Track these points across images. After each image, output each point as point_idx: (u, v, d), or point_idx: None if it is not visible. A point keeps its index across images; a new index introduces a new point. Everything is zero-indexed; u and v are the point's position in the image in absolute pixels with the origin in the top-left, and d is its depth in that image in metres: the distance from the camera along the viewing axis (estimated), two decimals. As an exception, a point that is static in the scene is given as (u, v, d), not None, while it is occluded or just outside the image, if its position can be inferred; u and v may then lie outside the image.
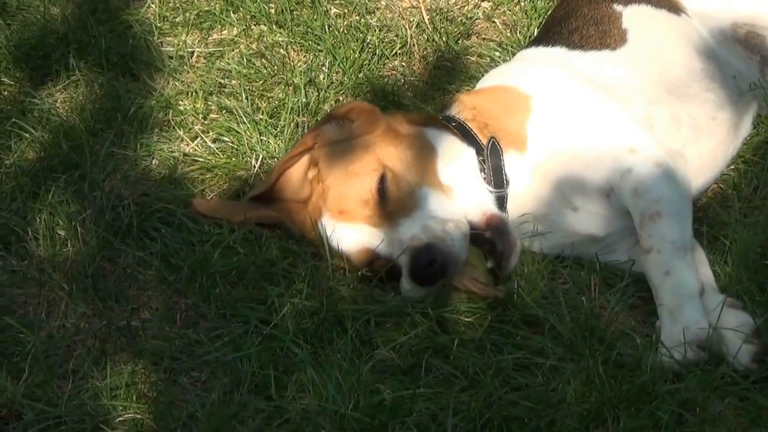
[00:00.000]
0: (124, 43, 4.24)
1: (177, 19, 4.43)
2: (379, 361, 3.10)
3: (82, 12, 4.34)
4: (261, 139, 3.89)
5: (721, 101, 3.68)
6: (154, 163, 3.87)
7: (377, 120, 3.49)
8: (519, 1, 4.41)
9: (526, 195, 3.44)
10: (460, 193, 3.38)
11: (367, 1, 4.44)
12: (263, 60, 4.23)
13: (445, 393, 3.01)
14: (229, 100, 4.06)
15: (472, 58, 4.27)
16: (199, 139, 3.94)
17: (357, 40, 4.26)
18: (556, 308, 3.21)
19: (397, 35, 4.31)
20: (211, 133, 3.97)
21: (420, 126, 3.51)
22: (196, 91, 4.11)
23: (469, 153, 3.46)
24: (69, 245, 3.50)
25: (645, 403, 2.93)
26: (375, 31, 4.30)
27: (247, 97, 4.06)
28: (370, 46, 4.25)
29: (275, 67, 4.18)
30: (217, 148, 3.90)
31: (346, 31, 4.30)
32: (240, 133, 3.92)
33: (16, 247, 3.52)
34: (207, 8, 4.45)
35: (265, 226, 3.54)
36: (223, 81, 4.17)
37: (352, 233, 3.35)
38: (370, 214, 3.33)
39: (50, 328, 3.28)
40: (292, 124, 3.95)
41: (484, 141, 3.47)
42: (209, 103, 4.08)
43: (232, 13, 4.42)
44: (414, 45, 4.27)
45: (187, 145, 3.93)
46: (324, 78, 4.14)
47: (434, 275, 3.24)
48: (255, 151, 3.85)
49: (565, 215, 3.44)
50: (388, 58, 4.26)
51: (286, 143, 3.86)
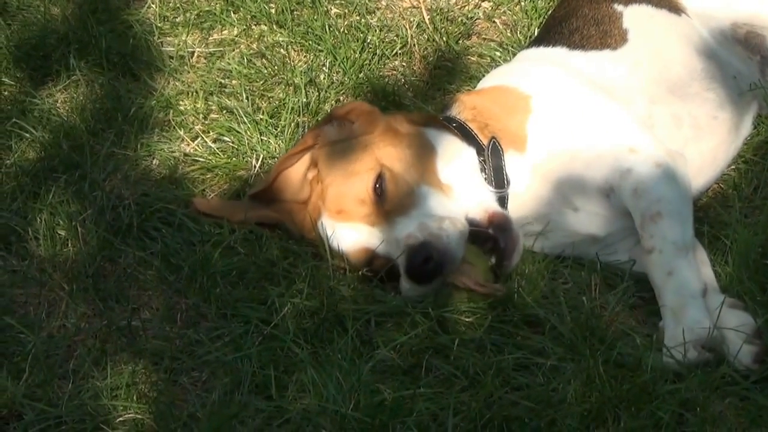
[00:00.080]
0: (125, 43, 4.24)
1: (177, 19, 4.43)
2: (380, 361, 3.10)
3: (83, 12, 4.34)
4: (261, 139, 3.89)
5: (722, 101, 3.69)
6: (154, 163, 3.87)
7: (377, 120, 3.49)
8: (519, 1, 4.41)
9: (526, 195, 3.44)
10: (461, 192, 3.38)
11: (367, 1, 4.44)
12: (264, 60, 4.23)
13: (446, 393, 3.01)
14: (230, 100, 4.06)
15: (473, 58, 4.27)
16: (200, 139, 3.94)
17: (357, 40, 4.26)
18: (557, 308, 3.21)
19: (397, 35, 4.30)
20: (212, 133, 3.96)
21: (420, 126, 3.51)
22: (197, 91, 4.11)
23: (470, 153, 3.45)
24: (69, 245, 3.50)
25: (645, 403, 2.93)
26: (375, 31, 4.30)
27: (248, 97, 4.06)
28: (371, 46, 4.24)
29: (276, 67, 4.17)
30: (218, 148, 3.89)
31: (346, 31, 4.30)
32: (240, 133, 3.92)
33: (17, 247, 3.52)
34: (207, 8, 4.44)
35: (266, 226, 3.54)
36: (223, 81, 4.17)
37: (350, 233, 3.35)
38: (367, 213, 3.33)
39: (51, 328, 3.28)
40: (293, 124, 3.95)
41: (485, 141, 3.47)
42: (210, 103, 4.08)
43: (232, 13, 4.42)
44: (414, 45, 4.27)
45: (188, 145, 3.93)
46: (324, 78, 4.14)
47: (431, 273, 3.24)
48: (255, 151, 3.85)
49: (566, 215, 3.44)
50: (389, 58, 4.25)
51: (286, 143, 3.86)
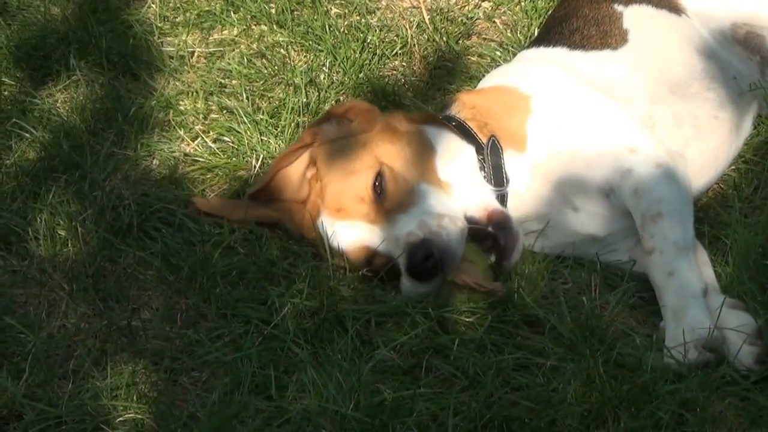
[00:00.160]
0: (125, 43, 4.23)
1: (177, 19, 4.43)
2: (380, 361, 3.10)
3: (83, 12, 4.34)
4: (261, 139, 3.89)
5: (722, 101, 3.69)
6: (154, 163, 3.87)
7: (376, 118, 3.49)
8: (519, 1, 4.41)
9: (526, 195, 3.44)
10: (461, 190, 3.38)
11: (367, 1, 4.44)
12: (264, 60, 4.23)
13: (446, 393, 3.01)
14: (230, 100, 4.06)
15: (473, 58, 4.27)
16: (200, 139, 3.94)
17: (357, 40, 4.26)
18: (557, 308, 3.21)
19: (397, 35, 4.30)
20: (212, 133, 3.96)
21: (419, 124, 3.51)
22: (197, 91, 4.11)
23: (469, 151, 3.45)
24: (69, 245, 3.50)
25: (645, 403, 2.93)
26: (375, 31, 4.30)
27: (248, 97, 4.06)
28: (371, 46, 4.24)
29: (276, 67, 4.17)
30: (218, 148, 3.89)
31: (346, 31, 4.30)
32: (240, 133, 3.91)
33: (17, 247, 3.52)
34: (207, 8, 4.44)
35: (265, 226, 3.54)
36: (223, 81, 4.16)
37: (350, 231, 3.35)
38: (367, 211, 3.33)
39: (51, 328, 3.28)
40: (293, 124, 3.95)
41: (484, 140, 3.47)
42: (210, 103, 4.08)
43: (232, 13, 4.42)
44: (414, 45, 4.27)
45: (188, 145, 3.93)
46: (324, 78, 4.14)
47: (431, 270, 3.24)
48: (255, 151, 3.85)
49: (566, 215, 3.44)
50: (389, 58, 4.25)
51: (286, 143, 3.86)
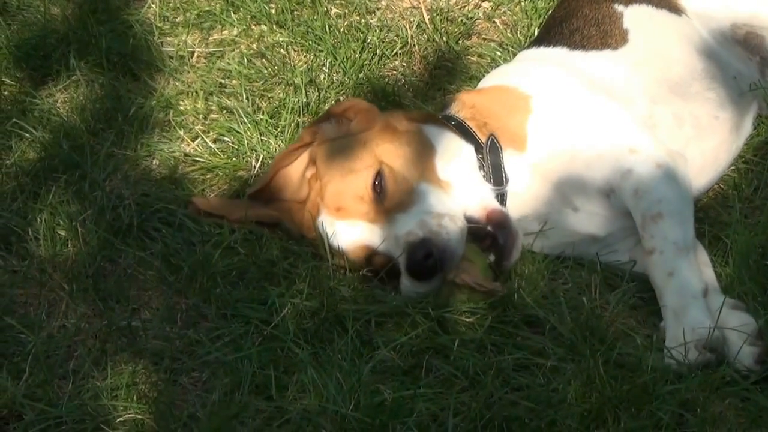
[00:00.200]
0: (125, 43, 4.23)
1: (177, 19, 4.43)
2: (380, 361, 3.10)
3: (83, 12, 4.34)
4: (261, 140, 3.89)
5: (723, 101, 3.69)
6: (154, 163, 3.87)
7: (375, 117, 3.49)
8: (519, 2, 4.41)
9: (526, 195, 3.44)
10: (460, 189, 3.38)
11: (367, 2, 4.44)
12: (264, 60, 4.23)
13: (446, 393, 3.01)
14: (230, 100, 4.06)
15: (473, 59, 4.27)
16: (200, 139, 3.94)
17: (357, 40, 4.26)
18: (557, 308, 3.21)
19: (397, 35, 4.30)
20: (212, 133, 3.96)
21: (418, 123, 3.51)
22: (197, 91, 4.11)
23: (468, 150, 3.45)
24: (69, 245, 3.50)
25: (645, 403, 2.93)
26: (375, 31, 4.30)
27: (248, 97, 4.06)
28: (371, 46, 4.24)
29: (276, 67, 4.17)
30: (218, 149, 3.89)
31: (346, 31, 4.30)
32: (240, 133, 3.91)
33: (17, 247, 3.52)
34: (207, 8, 4.44)
35: (265, 226, 3.54)
36: (223, 81, 4.16)
37: (350, 230, 3.35)
38: (366, 210, 3.33)
39: (51, 329, 3.28)
40: (293, 124, 3.94)
41: (483, 139, 3.47)
42: (210, 103, 4.08)
43: (232, 13, 4.42)
44: (414, 45, 4.27)
45: (188, 145, 3.93)
46: (324, 78, 4.14)
47: (431, 269, 3.24)
48: (255, 151, 3.85)
49: (566, 215, 3.44)
50: (389, 58, 4.25)
51: (286, 143, 3.85)
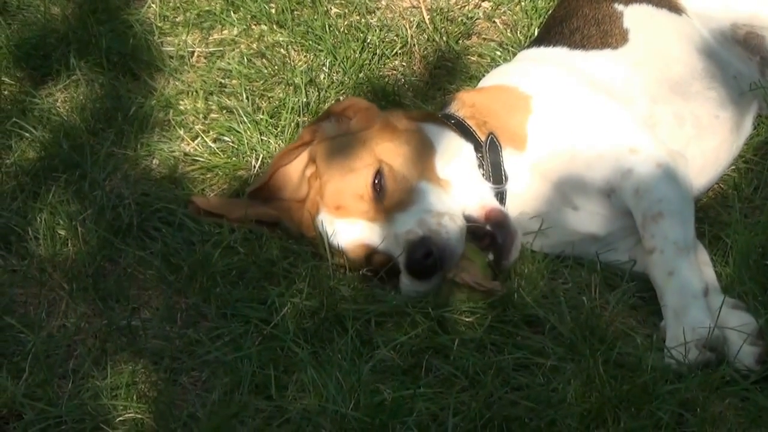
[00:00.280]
0: (125, 43, 4.23)
1: (177, 19, 4.43)
2: (380, 360, 3.10)
3: (83, 11, 4.34)
4: (261, 139, 3.89)
5: (723, 100, 3.69)
6: (154, 162, 3.87)
7: (375, 116, 3.49)
8: (519, 1, 4.41)
9: (526, 194, 3.44)
10: (459, 188, 3.38)
11: (367, 1, 4.44)
12: (264, 60, 4.23)
13: (446, 393, 3.01)
14: (230, 100, 4.06)
15: (473, 58, 4.27)
16: (200, 138, 3.94)
17: (357, 40, 4.26)
18: (557, 308, 3.21)
19: (397, 35, 4.30)
20: (212, 133, 3.96)
21: (418, 122, 3.51)
22: (197, 91, 4.11)
23: (468, 149, 3.45)
24: (69, 245, 3.50)
25: (645, 403, 2.92)
26: (375, 30, 4.30)
27: (248, 97, 4.06)
28: (371, 45, 4.24)
29: (276, 67, 4.17)
30: (218, 148, 3.89)
31: (346, 31, 4.30)
32: (240, 132, 3.91)
33: (17, 247, 3.52)
34: (207, 8, 4.44)
35: (265, 225, 3.54)
36: (223, 81, 4.16)
37: (349, 228, 3.35)
38: (366, 209, 3.34)
39: (50, 328, 3.28)
40: (293, 124, 3.94)
41: (483, 138, 3.47)
42: (210, 102, 4.08)
43: (232, 12, 4.42)
44: (414, 45, 4.27)
45: (188, 144, 3.93)
46: (324, 78, 4.14)
47: (431, 268, 3.24)
48: (255, 150, 3.85)
49: (566, 214, 3.44)
50: (389, 58, 4.25)
51: (286, 143, 3.85)
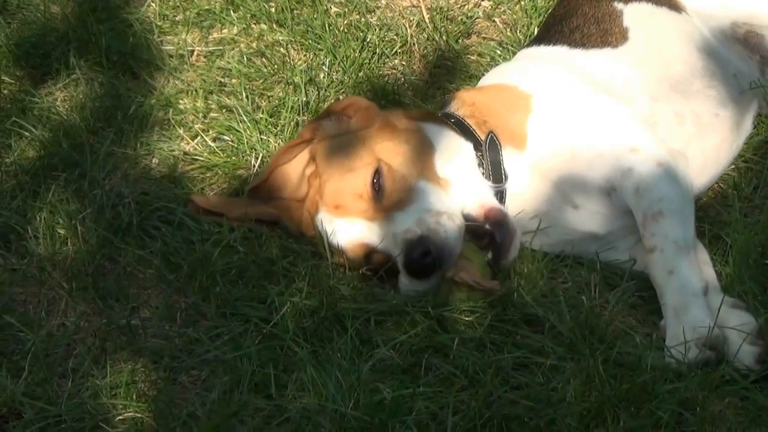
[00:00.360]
0: (125, 42, 4.23)
1: (177, 18, 4.43)
2: (379, 359, 3.10)
3: (82, 10, 4.34)
4: (261, 138, 3.89)
5: (723, 98, 3.69)
6: (154, 161, 3.87)
7: (374, 115, 3.50)
8: (519, 0, 4.41)
9: (526, 193, 3.43)
10: (458, 186, 3.38)
11: (367, 0, 4.44)
12: (263, 59, 4.23)
13: (445, 392, 3.01)
14: (230, 99, 4.06)
15: (473, 57, 4.27)
16: (199, 137, 3.94)
17: (357, 39, 4.25)
18: (556, 307, 3.21)
19: (397, 34, 4.30)
20: (212, 132, 3.96)
21: (418, 121, 3.51)
22: (197, 90, 4.11)
23: (467, 148, 3.45)
24: (69, 244, 3.50)
25: (645, 402, 2.92)
26: (375, 30, 4.29)
27: (248, 96, 4.06)
28: (371, 45, 4.24)
29: (275, 66, 4.17)
30: (218, 147, 3.89)
31: (346, 30, 4.30)
32: (240, 131, 3.91)
33: (16, 246, 3.52)
34: (207, 7, 4.44)
35: (264, 224, 3.54)
36: (223, 80, 4.16)
37: (348, 228, 3.35)
38: (365, 208, 3.34)
39: (50, 327, 3.28)
40: (293, 123, 3.95)
41: (482, 137, 3.47)
42: (209, 101, 4.08)
43: (232, 11, 4.42)
44: (414, 44, 4.27)
45: (187, 143, 3.93)
46: (324, 77, 4.14)
47: (429, 267, 3.24)
48: (255, 150, 3.85)
49: (566, 213, 3.44)
50: (389, 57, 4.25)
51: (286, 142, 3.85)
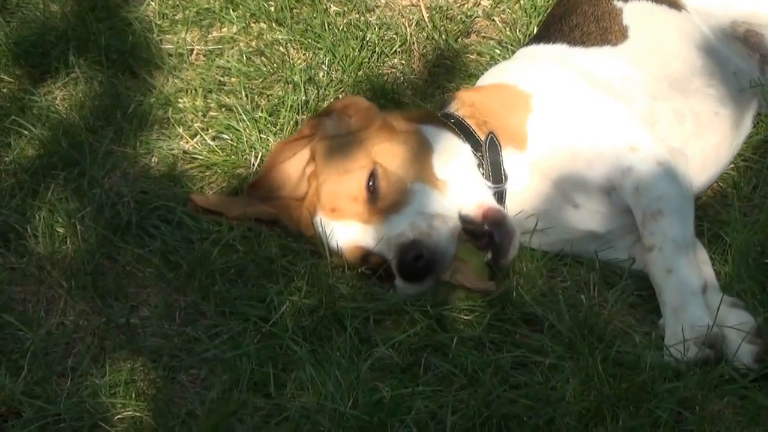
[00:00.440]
0: (124, 41, 4.23)
1: (177, 17, 4.43)
2: (378, 359, 3.10)
3: (82, 9, 4.34)
4: (260, 137, 3.89)
5: (723, 97, 3.68)
6: (153, 160, 3.87)
7: (374, 117, 3.49)
8: (518, -1, 4.42)
9: (526, 193, 3.43)
10: (456, 188, 3.38)
11: (366, -1, 4.45)
12: (263, 58, 4.23)
13: (444, 391, 3.01)
14: (229, 98, 4.06)
15: (472, 56, 4.26)
16: (199, 136, 3.94)
17: (356, 38, 4.25)
18: (556, 306, 3.21)
19: (396, 33, 4.30)
20: (211, 131, 3.96)
21: (417, 122, 3.51)
22: (196, 89, 4.11)
23: (467, 149, 3.45)
24: (68, 242, 3.50)
25: (644, 401, 2.92)
26: (374, 29, 4.29)
27: (247, 95, 4.06)
28: (370, 44, 4.24)
29: (275, 65, 4.17)
30: (217, 146, 3.89)
31: (345, 29, 4.30)
32: (239, 130, 3.91)
33: (16, 245, 3.52)
34: (207, 6, 4.44)
35: (264, 223, 3.54)
36: (222, 79, 4.16)
37: (344, 230, 3.35)
38: (360, 210, 3.34)
39: (49, 326, 3.28)
40: (292, 122, 3.94)
41: (482, 137, 3.47)
42: (209, 100, 4.08)
43: (231, 10, 4.41)
44: (413, 43, 4.27)
45: (187, 142, 3.93)
46: (323, 76, 4.13)
47: (422, 271, 3.24)
48: (254, 148, 3.85)
49: (566, 212, 3.43)
50: (388, 56, 4.25)
51: (285, 141, 3.86)
